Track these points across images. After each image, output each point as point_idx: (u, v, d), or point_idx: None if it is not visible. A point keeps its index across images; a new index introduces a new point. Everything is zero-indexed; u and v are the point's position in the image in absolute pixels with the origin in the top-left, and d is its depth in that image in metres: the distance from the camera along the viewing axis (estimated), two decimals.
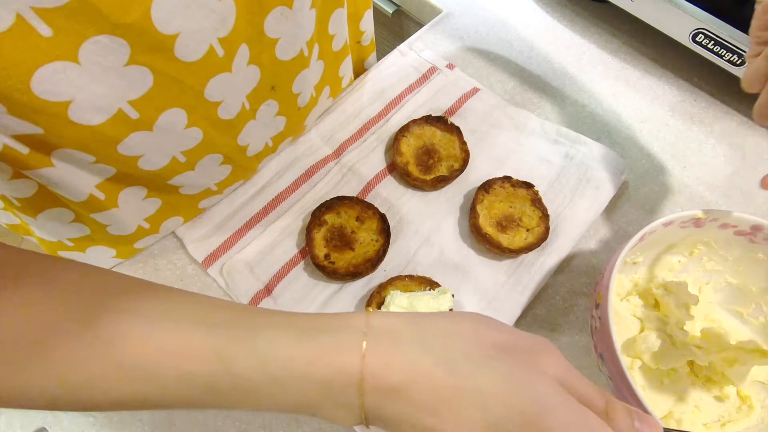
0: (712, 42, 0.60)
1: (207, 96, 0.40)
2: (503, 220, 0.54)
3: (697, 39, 0.61)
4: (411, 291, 0.48)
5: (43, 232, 0.47)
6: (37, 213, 0.43)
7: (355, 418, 0.27)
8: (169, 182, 0.45)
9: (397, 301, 0.45)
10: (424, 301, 0.45)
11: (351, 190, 0.57)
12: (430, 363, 0.27)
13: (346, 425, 0.28)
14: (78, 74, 0.31)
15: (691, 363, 0.46)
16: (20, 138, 0.34)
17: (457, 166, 0.57)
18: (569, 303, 0.52)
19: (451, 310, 0.47)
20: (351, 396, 0.26)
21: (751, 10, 0.37)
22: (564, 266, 0.54)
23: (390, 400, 0.26)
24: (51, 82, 0.30)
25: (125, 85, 0.34)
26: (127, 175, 0.42)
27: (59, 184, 0.39)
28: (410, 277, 0.50)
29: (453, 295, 0.47)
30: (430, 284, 0.49)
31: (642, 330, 0.48)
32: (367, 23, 0.62)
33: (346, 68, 0.60)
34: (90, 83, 0.32)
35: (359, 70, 0.66)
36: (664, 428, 0.31)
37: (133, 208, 0.46)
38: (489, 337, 0.28)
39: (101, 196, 0.43)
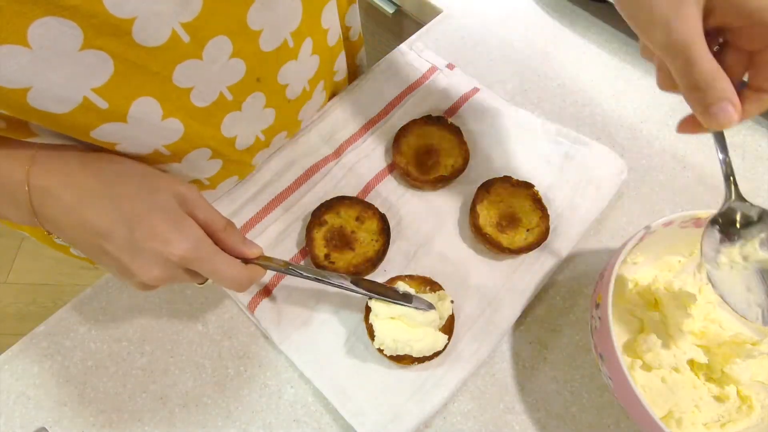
0: None
1: (176, 82, 0.39)
2: (503, 220, 0.54)
3: None
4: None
5: None
6: None
7: (29, 215, 0.36)
8: (156, 167, 0.45)
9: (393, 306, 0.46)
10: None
11: (351, 190, 0.57)
12: (83, 174, 0.37)
13: (20, 223, 0.38)
14: (30, 59, 0.30)
15: (691, 362, 0.46)
16: None
17: (457, 166, 0.57)
18: (569, 303, 0.52)
19: (450, 316, 0.47)
20: (21, 194, 0.35)
21: None
22: (564, 266, 0.54)
23: (48, 199, 0.35)
24: (2, 66, 0.30)
25: (84, 71, 0.33)
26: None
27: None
28: (410, 277, 0.50)
29: (452, 301, 0.47)
30: (430, 284, 0.49)
31: (642, 330, 0.48)
32: (353, 18, 0.61)
33: (341, 63, 0.60)
34: (45, 69, 0.31)
35: (352, 67, 0.66)
36: (263, 256, 0.44)
37: None
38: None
39: None
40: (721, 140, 0.35)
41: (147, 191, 0.38)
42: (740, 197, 0.37)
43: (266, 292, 0.51)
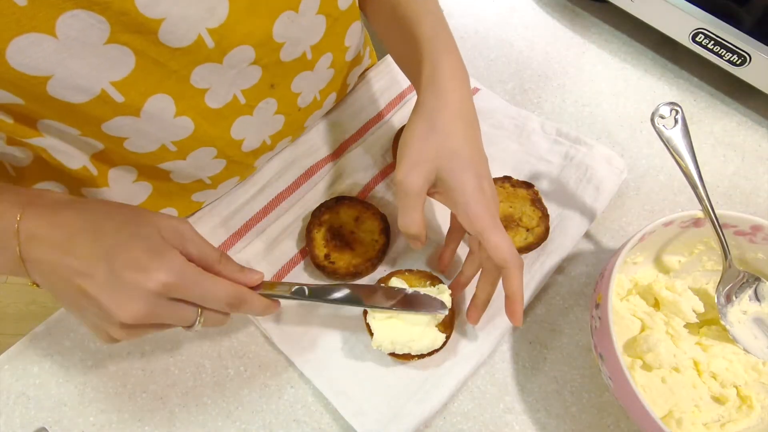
0: (712, 42, 0.60)
1: (193, 82, 0.40)
2: (503, 220, 0.53)
3: (697, 39, 0.61)
4: (411, 285, 0.48)
5: None
6: (31, 186, 0.44)
7: (15, 263, 0.34)
8: (158, 166, 0.45)
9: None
10: None
11: (351, 190, 0.57)
12: (71, 214, 0.34)
13: (6, 273, 0.36)
14: (55, 49, 0.31)
15: (691, 362, 0.46)
16: (2, 107, 0.34)
17: None
18: (569, 303, 0.52)
19: (450, 311, 0.47)
20: (10, 239, 0.33)
21: (751, 10, 0.37)
22: (564, 266, 0.54)
23: (35, 241, 0.33)
24: (27, 54, 0.30)
25: (106, 64, 0.34)
26: (114, 153, 0.42)
27: (55, 149, 0.40)
28: (410, 271, 0.50)
29: (451, 294, 0.47)
30: (430, 278, 0.49)
31: (642, 330, 0.48)
32: None
33: (354, 75, 0.61)
34: (68, 59, 0.32)
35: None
36: (265, 282, 0.41)
37: (123, 190, 0.47)
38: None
39: (94, 170, 0.43)
40: (721, 236, 0.45)
41: (132, 225, 0.35)
42: (732, 266, 0.46)
43: None
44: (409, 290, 0.45)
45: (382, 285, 0.47)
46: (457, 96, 0.43)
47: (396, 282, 0.47)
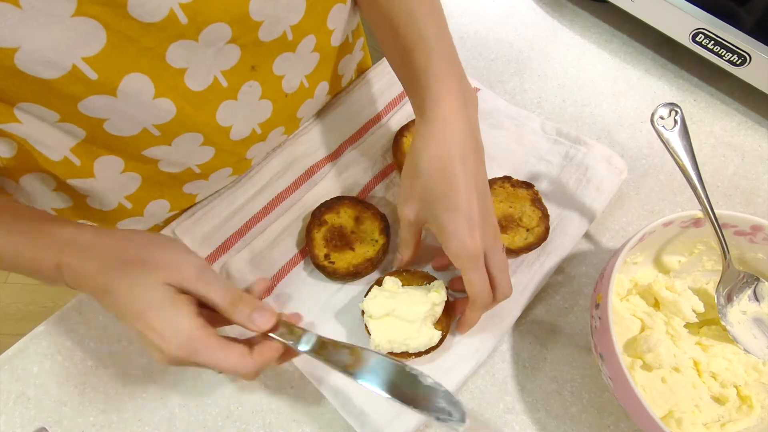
0: (712, 42, 0.60)
1: (169, 61, 0.39)
2: (503, 220, 0.53)
3: (697, 39, 0.61)
4: (408, 284, 0.48)
5: (28, 201, 0.47)
6: (19, 176, 0.43)
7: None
8: (143, 153, 0.45)
9: (388, 285, 0.46)
10: (409, 293, 0.45)
11: (351, 190, 0.57)
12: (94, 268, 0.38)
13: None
14: (20, 19, 0.31)
15: (691, 362, 0.46)
16: None
17: None
18: (569, 303, 0.52)
19: (447, 302, 0.47)
20: (54, 275, 0.38)
21: (751, 10, 0.37)
22: (564, 266, 0.54)
23: (79, 284, 0.38)
24: None
25: (75, 38, 0.34)
26: (96, 138, 0.42)
27: (34, 139, 0.39)
28: (408, 271, 0.50)
29: (447, 287, 0.47)
30: (427, 278, 0.49)
31: (642, 330, 0.48)
32: None
33: (347, 66, 0.60)
34: (35, 31, 0.32)
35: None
36: (284, 322, 0.40)
37: (111, 181, 0.46)
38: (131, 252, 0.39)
39: (76, 161, 0.43)
40: (721, 237, 0.45)
41: (142, 289, 0.37)
42: (732, 267, 0.46)
43: (266, 291, 0.51)
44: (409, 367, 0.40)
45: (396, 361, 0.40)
46: (450, 128, 0.43)
47: (389, 281, 0.47)
